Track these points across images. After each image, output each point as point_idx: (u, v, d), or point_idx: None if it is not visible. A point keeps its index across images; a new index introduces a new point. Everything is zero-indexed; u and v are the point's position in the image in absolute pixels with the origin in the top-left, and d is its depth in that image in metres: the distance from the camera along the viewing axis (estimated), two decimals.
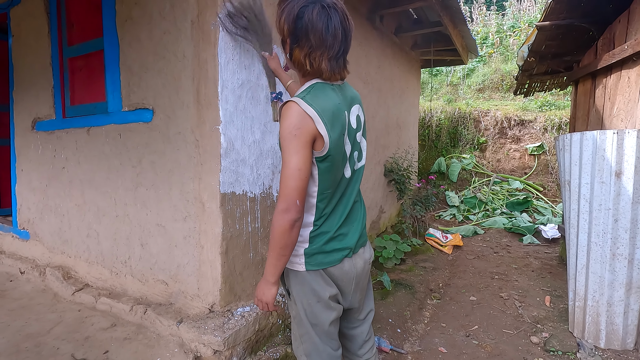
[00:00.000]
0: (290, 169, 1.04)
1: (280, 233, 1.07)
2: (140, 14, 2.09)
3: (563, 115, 6.44)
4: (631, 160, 2.08)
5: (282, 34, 1.12)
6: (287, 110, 1.06)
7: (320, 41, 1.06)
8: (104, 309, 2.25)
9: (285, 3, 1.09)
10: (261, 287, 1.17)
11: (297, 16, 1.06)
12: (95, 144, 2.45)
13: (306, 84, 1.15)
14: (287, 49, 1.13)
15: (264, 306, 1.18)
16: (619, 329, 2.19)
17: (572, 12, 2.94)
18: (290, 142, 1.04)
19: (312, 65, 1.10)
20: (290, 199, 1.05)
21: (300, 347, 1.28)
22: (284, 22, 1.09)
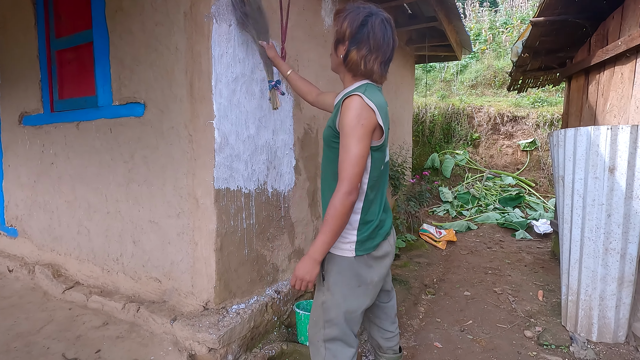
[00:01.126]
0: (355, 155, 1.16)
1: (343, 214, 1.18)
2: (132, 5, 2.04)
3: (555, 111, 6.50)
4: (624, 156, 2.09)
5: (342, 36, 1.27)
6: (352, 102, 1.19)
7: (377, 46, 1.24)
8: (96, 307, 2.21)
9: (348, 11, 1.27)
10: (306, 265, 1.23)
11: (362, 23, 1.23)
12: (86, 138, 2.39)
13: (356, 83, 1.31)
14: (342, 49, 1.29)
15: (305, 285, 1.25)
16: (610, 322, 2.22)
17: (567, 8, 2.95)
18: (356, 130, 1.17)
19: (365, 66, 1.26)
20: (354, 183, 1.17)
21: (320, 333, 1.34)
22: (347, 27, 1.25)
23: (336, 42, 1.31)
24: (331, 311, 1.31)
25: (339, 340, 1.34)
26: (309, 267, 1.23)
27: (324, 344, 1.34)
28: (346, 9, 1.29)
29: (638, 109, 2.29)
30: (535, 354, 2.16)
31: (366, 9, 1.26)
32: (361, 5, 1.28)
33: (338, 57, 1.32)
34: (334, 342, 1.34)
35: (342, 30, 1.26)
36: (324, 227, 1.20)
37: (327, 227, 1.19)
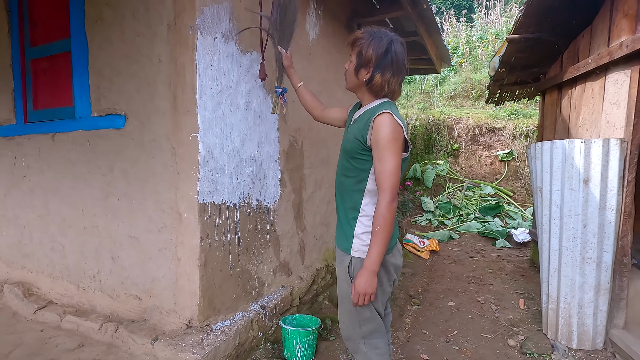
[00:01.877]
0: (393, 167, 1.29)
1: (390, 221, 1.29)
2: (112, 15, 2.00)
3: (530, 123, 6.75)
4: (598, 168, 2.18)
5: (366, 61, 1.36)
6: (386, 120, 1.30)
7: (399, 69, 1.38)
8: (70, 328, 2.10)
9: (371, 38, 1.36)
10: (366, 279, 1.30)
11: (386, 50, 1.34)
12: (61, 150, 2.30)
13: (377, 101, 1.42)
14: (365, 73, 1.38)
15: (368, 298, 1.32)
16: (589, 329, 2.28)
17: (540, 26, 3.09)
18: (392, 145, 1.29)
19: (389, 88, 1.38)
20: (395, 192, 1.30)
21: (358, 332, 1.46)
22: (371, 53, 1.35)
23: (358, 67, 1.39)
24: (365, 310, 1.42)
25: (375, 332, 1.47)
26: (370, 281, 1.31)
27: (363, 340, 1.47)
28: (366, 36, 1.38)
29: (608, 123, 2.40)
30: None
31: (387, 36, 1.37)
32: (379, 31, 1.39)
33: (359, 80, 1.42)
34: (372, 336, 1.47)
35: (367, 57, 1.35)
36: (376, 238, 1.29)
37: (379, 237, 1.29)
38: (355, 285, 1.32)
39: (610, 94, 2.41)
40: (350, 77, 1.45)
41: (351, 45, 1.43)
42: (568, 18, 2.95)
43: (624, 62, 2.25)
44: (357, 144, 1.38)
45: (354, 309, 1.42)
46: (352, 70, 1.43)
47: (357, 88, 1.46)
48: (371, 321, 1.44)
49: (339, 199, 1.50)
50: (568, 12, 2.88)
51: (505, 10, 13.57)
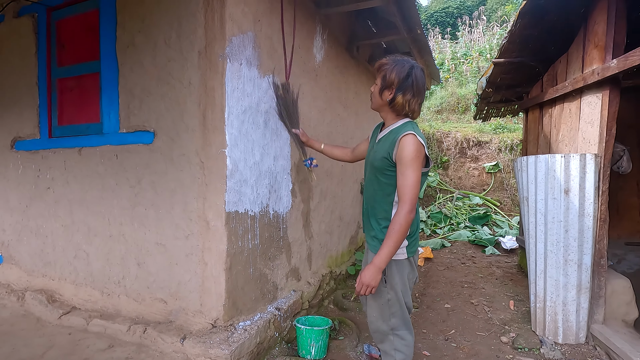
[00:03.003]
0: (414, 181, 1.50)
1: (405, 229, 1.50)
2: (144, 41, 2.20)
3: (514, 137, 7.15)
4: (576, 180, 2.47)
5: (390, 84, 1.58)
6: (410, 140, 1.51)
7: (418, 91, 1.58)
8: (98, 331, 2.23)
9: (394, 64, 1.58)
10: (372, 273, 1.51)
11: (408, 74, 1.55)
12: (88, 164, 2.46)
13: (401, 121, 1.63)
14: (388, 94, 1.60)
15: (370, 290, 1.53)
16: (573, 325, 2.53)
17: (522, 52, 3.42)
18: (414, 162, 1.50)
19: (409, 107, 1.59)
20: (413, 204, 1.50)
21: (387, 325, 1.67)
22: (395, 77, 1.56)
23: (382, 88, 1.61)
24: (394, 305, 1.64)
25: (402, 325, 1.68)
26: (375, 275, 1.51)
27: (392, 331, 1.68)
28: (390, 62, 1.60)
29: (584, 140, 2.70)
30: (512, 357, 2.42)
31: (408, 62, 1.59)
32: (402, 58, 1.61)
33: (383, 100, 1.63)
34: (400, 329, 1.68)
35: (390, 80, 1.57)
36: (389, 240, 1.49)
37: (392, 240, 1.49)
38: (361, 277, 1.52)
39: (585, 114, 2.72)
40: (375, 98, 1.66)
41: (377, 70, 1.64)
42: (547, 45, 3.29)
43: (596, 87, 2.57)
44: (385, 162, 1.58)
45: (386, 303, 1.64)
46: (377, 92, 1.63)
47: (381, 107, 1.67)
48: (399, 316, 1.65)
49: (370, 210, 1.70)
50: (547, 39, 3.22)
51: (488, 29, 14.29)
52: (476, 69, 11.18)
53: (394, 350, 1.69)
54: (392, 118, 1.64)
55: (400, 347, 1.68)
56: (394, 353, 1.70)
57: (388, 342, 1.71)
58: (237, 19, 2.03)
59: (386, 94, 1.60)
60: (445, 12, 20.61)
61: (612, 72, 2.31)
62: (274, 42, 2.38)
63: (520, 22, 2.91)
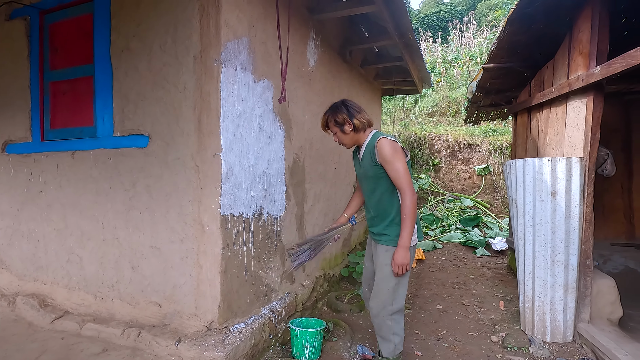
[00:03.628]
0: (402, 170, 1.84)
1: (414, 210, 1.83)
2: (139, 46, 2.21)
3: (504, 140, 7.28)
4: (562, 183, 2.54)
5: (343, 121, 1.93)
6: (383, 142, 1.86)
7: (359, 109, 1.98)
8: (91, 335, 2.22)
9: (331, 111, 1.98)
10: (402, 253, 1.83)
11: (343, 106, 1.96)
12: (82, 167, 2.46)
13: (369, 134, 1.98)
14: (349, 126, 1.94)
15: (404, 269, 1.85)
16: (560, 324, 2.59)
17: (511, 57, 3.51)
18: (396, 155, 1.84)
19: (364, 121, 1.96)
20: (410, 187, 1.83)
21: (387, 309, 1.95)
22: (340, 115, 1.94)
23: (342, 128, 1.95)
24: (399, 290, 1.96)
25: (400, 311, 1.98)
26: (405, 254, 1.83)
27: (390, 316, 1.96)
28: (328, 113, 1.98)
29: (570, 144, 2.78)
30: (502, 356, 2.47)
31: (335, 102, 2.00)
32: (330, 106, 2.00)
33: (349, 133, 1.96)
34: (397, 313, 1.97)
35: (341, 119, 1.94)
36: (405, 223, 1.82)
37: (407, 222, 1.82)
38: (395, 259, 1.84)
39: (571, 119, 2.80)
40: (344, 138, 1.99)
41: (327, 126, 2.01)
42: (534, 51, 3.38)
43: (581, 92, 2.65)
44: (375, 168, 1.91)
45: (393, 287, 1.93)
46: (342, 136, 1.98)
47: (352, 138, 1.99)
48: (399, 301, 1.95)
49: (381, 212, 1.98)
50: (534, 46, 3.31)
51: (478, 33, 14.52)
52: (467, 72, 11.35)
53: (392, 334, 1.98)
54: (362, 136, 1.99)
55: (397, 331, 1.99)
56: (392, 337, 1.99)
57: (386, 327, 1.98)
58: (232, 24, 2.06)
59: (347, 128, 1.95)
60: (436, 16, 20.90)
61: (596, 78, 2.39)
62: (268, 47, 2.41)
63: (508, 28, 2.98)
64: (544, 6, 2.61)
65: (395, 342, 2.00)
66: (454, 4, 22.82)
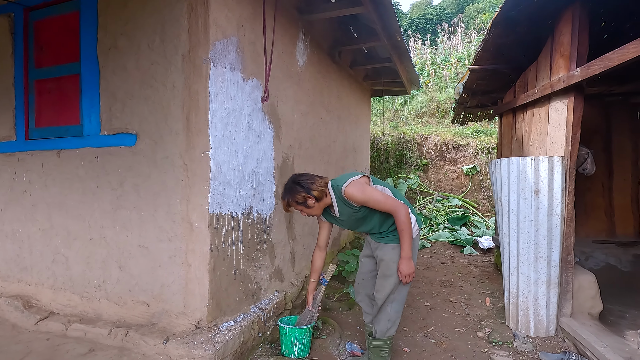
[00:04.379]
0: (381, 196, 1.96)
1: (408, 223, 1.94)
2: (127, 45, 2.20)
3: (491, 140, 7.41)
4: (545, 181, 2.61)
5: (303, 199, 1.98)
6: (348, 190, 1.96)
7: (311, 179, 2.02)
8: (78, 336, 2.19)
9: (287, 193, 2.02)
10: (408, 264, 1.99)
11: (296, 184, 2.00)
12: (68, 166, 2.43)
13: (332, 194, 2.04)
14: (312, 200, 1.99)
15: (410, 277, 2.01)
16: (543, 319, 2.66)
17: (496, 59, 3.59)
18: (366, 190, 1.96)
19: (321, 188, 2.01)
20: (396, 206, 1.94)
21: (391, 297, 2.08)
22: (298, 194, 1.98)
23: (306, 205, 2.00)
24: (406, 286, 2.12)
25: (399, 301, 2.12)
26: (409, 263, 1.99)
27: (391, 304, 2.10)
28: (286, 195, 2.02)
29: (552, 143, 2.86)
30: (487, 351, 2.53)
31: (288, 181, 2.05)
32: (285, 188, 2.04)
33: (315, 204, 2.01)
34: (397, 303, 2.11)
35: (300, 197, 1.98)
36: (403, 238, 1.95)
37: (405, 235, 1.94)
38: (401, 270, 1.99)
39: (553, 119, 2.88)
40: (312, 211, 2.05)
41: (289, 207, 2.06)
42: (518, 53, 3.46)
43: (563, 94, 2.73)
44: (360, 210, 2.02)
45: (397, 282, 2.05)
46: (308, 211, 2.04)
47: (319, 206, 2.05)
48: (403, 292, 2.13)
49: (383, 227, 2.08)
50: (518, 48, 3.39)
51: (466, 35, 14.74)
52: (455, 74, 11.51)
53: (387, 320, 2.12)
54: (327, 199, 2.05)
55: (393, 317, 2.13)
56: (387, 322, 2.13)
57: (384, 313, 2.12)
58: (220, 24, 2.06)
59: (311, 202, 2.01)
60: (425, 19, 21.13)
61: (576, 80, 2.47)
62: (257, 47, 2.43)
63: (493, 31, 3.05)
64: (527, 10, 2.68)
65: (388, 327, 2.13)
66: (443, 6, 23.13)
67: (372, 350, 2.19)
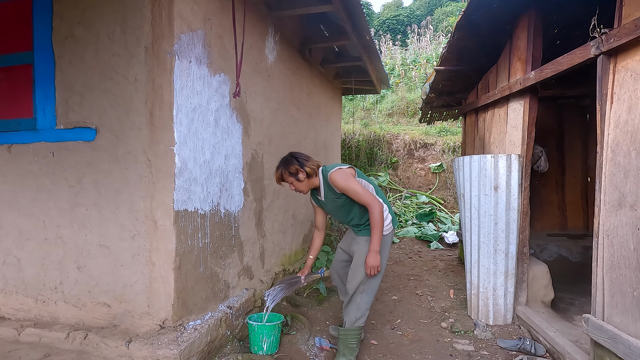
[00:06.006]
0: (360, 188, 2.10)
1: (380, 219, 2.07)
2: (85, 34, 2.10)
3: (457, 140, 7.70)
4: (504, 178, 2.76)
5: (295, 172, 2.16)
6: (333, 175, 2.13)
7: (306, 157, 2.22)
8: (32, 341, 2.08)
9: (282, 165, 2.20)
10: (374, 257, 2.10)
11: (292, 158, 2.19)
12: (20, 162, 2.29)
13: (320, 175, 2.23)
14: (302, 174, 2.17)
15: (375, 270, 2.12)
16: (501, 308, 2.82)
17: (460, 61, 3.73)
18: (349, 180, 2.11)
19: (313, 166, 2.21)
20: (371, 200, 2.08)
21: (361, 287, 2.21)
22: (292, 167, 2.16)
23: (296, 178, 2.17)
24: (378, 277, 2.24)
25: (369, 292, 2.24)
26: (376, 257, 2.10)
27: (360, 295, 2.21)
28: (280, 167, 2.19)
29: (511, 142, 3.02)
30: (450, 340, 2.64)
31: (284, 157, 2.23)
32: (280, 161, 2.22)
33: (304, 180, 2.19)
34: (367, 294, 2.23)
35: (294, 170, 2.16)
36: (375, 231, 2.07)
37: (376, 230, 2.07)
38: (367, 262, 2.11)
39: (511, 119, 3.05)
40: (300, 185, 2.20)
41: (282, 180, 2.21)
42: (480, 56, 3.62)
43: (520, 95, 2.89)
44: (341, 198, 2.18)
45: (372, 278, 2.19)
46: (298, 184, 2.20)
47: (308, 184, 2.22)
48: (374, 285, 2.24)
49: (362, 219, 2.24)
50: (480, 51, 3.54)
51: (435, 37, 15.19)
52: (424, 75, 11.82)
53: (357, 310, 2.22)
54: (315, 180, 2.23)
55: (362, 307, 2.23)
56: (356, 312, 2.22)
57: (354, 304, 2.23)
58: (186, 16, 2.02)
59: (301, 176, 2.17)
60: (396, 20, 21.54)
61: (531, 82, 2.62)
62: (224, 41, 2.39)
63: (457, 34, 3.18)
64: (488, 14, 2.81)
65: (357, 316, 2.23)
66: (413, 8, 23.69)
67: (341, 341, 2.27)
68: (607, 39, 1.80)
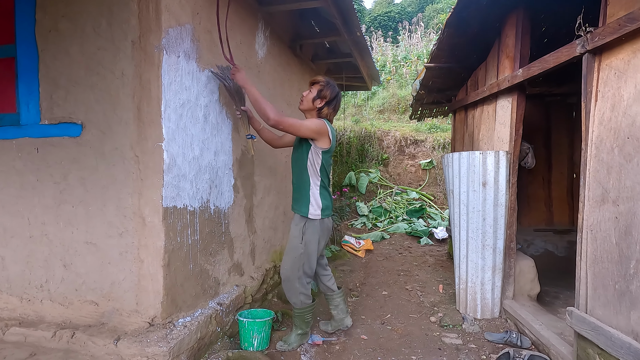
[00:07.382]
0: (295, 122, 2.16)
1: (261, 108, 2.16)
2: (70, 27, 2.05)
3: (447, 136, 7.76)
4: (492, 174, 2.79)
5: (323, 96, 2.26)
6: (319, 121, 2.22)
7: (337, 108, 2.35)
8: (17, 340, 2.04)
9: (328, 84, 2.29)
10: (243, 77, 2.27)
11: (336, 95, 2.31)
12: (3, 158, 2.23)
13: (320, 118, 2.27)
14: (319, 102, 2.27)
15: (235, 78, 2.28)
16: (489, 302, 2.87)
17: (450, 58, 3.76)
18: (311, 124, 2.19)
19: (328, 116, 2.32)
20: (279, 120, 2.13)
21: (297, 273, 2.29)
22: (328, 93, 2.26)
23: (315, 97, 2.26)
24: (304, 258, 2.27)
25: (307, 274, 2.31)
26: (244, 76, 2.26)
27: (298, 280, 2.29)
28: (326, 81, 2.28)
29: (499, 139, 3.06)
30: (438, 334, 2.68)
31: (337, 88, 2.32)
32: (333, 83, 2.31)
33: (313, 105, 2.27)
34: (304, 277, 2.30)
35: (324, 94, 2.25)
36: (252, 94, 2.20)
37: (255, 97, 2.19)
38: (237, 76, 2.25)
39: (499, 116, 3.08)
40: (307, 102, 2.27)
41: (312, 82, 2.28)
42: (470, 53, 3.65)
43: (508, 92, 2.93)
44: (302, 145, 2.26)
45: (299, 256, 2.25)
46: (310, 97, 2.25)
47: (309, 110, 2.29)
48: (306, 265, 2.27)
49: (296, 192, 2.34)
50: (470, 48, 3.57)
51: (425, 34, 15.24)
52: (415, 72, 11.86)
53: (299, 293, 2.30)
54: (314, 116, 2.26)
55: (304, 291, 2.31)
56: (299, 296, 2.30)
57: (293, 290, 2.30)
58: (174, 10, 1.98)
59: (317, 102, 2.25)
60: (387, 16, 21.54)
61: (519, 79, 2.65)
62: (214, 36, 2.36)
63: (447, 31, 3.19)
64: (477, 12, 2.83)
65: (302, 299, 2.33)
66: (404, 5, 23.69)
67: (297, 318, 2.38)
68: (592, 38, 1.83)
